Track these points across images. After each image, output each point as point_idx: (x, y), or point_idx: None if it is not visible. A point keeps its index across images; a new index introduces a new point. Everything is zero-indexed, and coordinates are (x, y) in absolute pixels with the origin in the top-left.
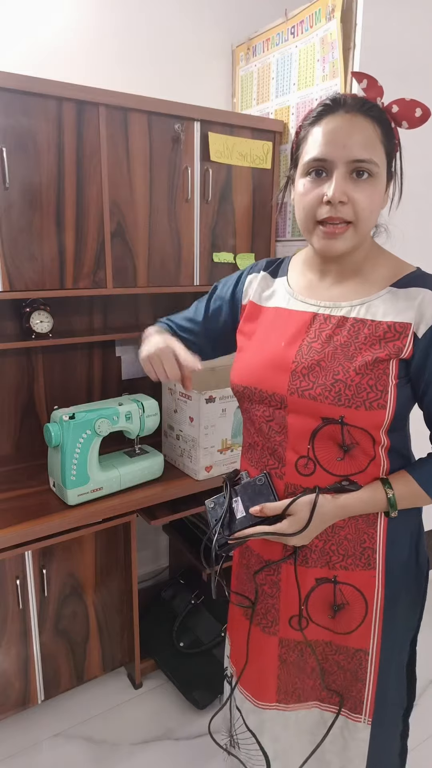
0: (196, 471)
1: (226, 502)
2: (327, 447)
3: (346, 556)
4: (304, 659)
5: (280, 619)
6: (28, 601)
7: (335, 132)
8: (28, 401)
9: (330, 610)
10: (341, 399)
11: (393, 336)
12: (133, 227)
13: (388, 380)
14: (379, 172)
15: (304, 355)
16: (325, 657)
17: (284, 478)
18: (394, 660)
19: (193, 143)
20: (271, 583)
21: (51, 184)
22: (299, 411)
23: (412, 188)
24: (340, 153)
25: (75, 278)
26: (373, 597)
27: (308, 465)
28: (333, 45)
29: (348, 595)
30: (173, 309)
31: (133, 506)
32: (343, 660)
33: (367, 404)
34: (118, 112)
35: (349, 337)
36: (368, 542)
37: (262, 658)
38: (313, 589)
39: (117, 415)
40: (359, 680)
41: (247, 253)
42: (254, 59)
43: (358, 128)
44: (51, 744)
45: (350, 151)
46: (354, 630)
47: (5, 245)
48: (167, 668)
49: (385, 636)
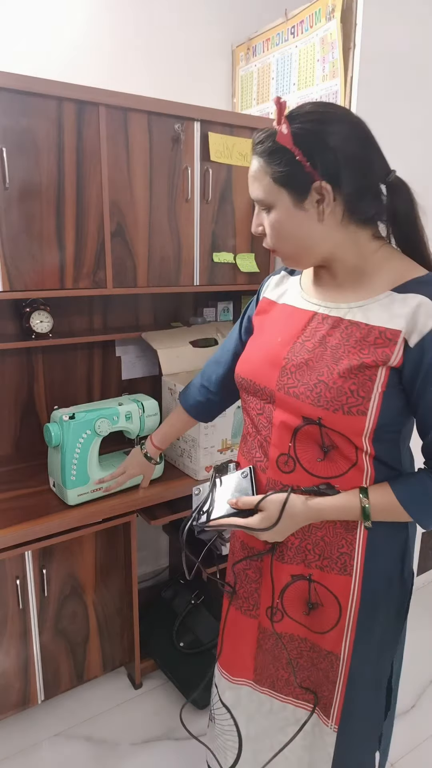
0: (196, 471)
1: (209, 491)
2: (308, 447)
3: (322, 557)
4: (279, 649)
5: (260, 605)
6: (28, 601)
7: (249, 175)
8: (28, 401)
9: (305, 606)
10: (320, 400)
11: (383, 342)
12: (133, 227)
13: (373, 387)
14: (275, 202)
15: (296, 353)
16: (301, 653)
17: (267, 472)
18: (367, 673)
19: (193, 143)
20: (255, 569)
21: (51, 184)
22: (284, 408)
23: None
24: (251, 194)
25: (75, 278)
26: (347, 603)
27: (288, 462)
28: (333, 45)
29: (322, 596)
30: (173, 309)
31: (133, 506)
32: (316, 658)
33: (345, 409)
34: (118, 112)
35: (341, 339)
36: (346, 548)
37: (241, 639)
38: (288, 584)
39: (117, 415)
40: (330, 681)
41: (247, 253)
42: (254, 59)
43: (254, 170)
44: (51, 744)
45: (252, 192)
46: (327, 632)
47: (5, 245)
48: (167, 668)
49: (357, 645)
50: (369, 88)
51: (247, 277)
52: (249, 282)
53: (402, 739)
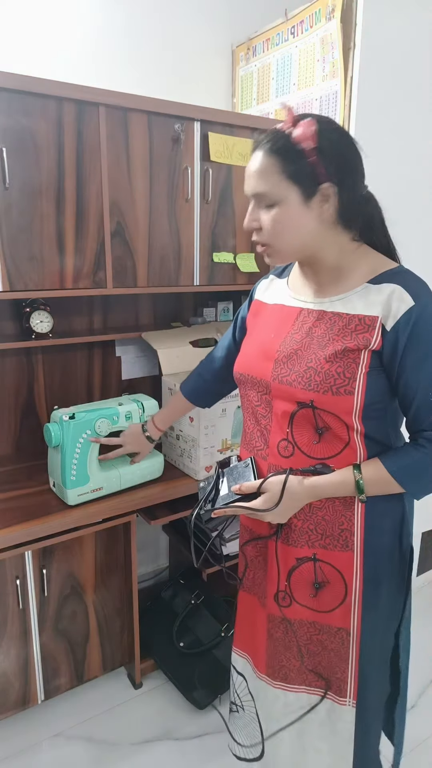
0: (196, 471)
1: (213, 482)
2: (304, 431)
3: (324, 535)
4: (289, 638)
5: (267, 593)
6: (28, 601)
7: (247, 170)
8: (28, 401)
9: (312, 588)
10: (311, 384)
11: (363, 328)
12: (133, 227)
13: (357, 369)
14: (283, 198)
15: (287, 345)
16: (310, 638)
17: (267, 459)
18: (377, 644)
19: (193, 143)
20: (260, 556)
21: (51, 184)
22: (280, 396)
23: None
24: (248, 189)
25: (75, 278)
26: (352, 578)
27: (288, 447)
28: (333, 45)
29: (328, 574)
30: (173, 309)
31: (133, 506)
32: (326, 639)
33: (334, 389)
34: (118, 112)
35: (325, 329)
36: (346, 524)
37: (254, 626)
38: (294, 567)
39: (117, 415)
40: (342, 660)
41: (247, 253)
42: (254, 59)
43: (257, 164)
44: (51, 744)
45: (250, 186)
46: (335, 608)
47: (5, 245)
48: (167, 668)
49: (365, 617)
50: (369, 88)
51: (247, 277)
52: (249, 282)
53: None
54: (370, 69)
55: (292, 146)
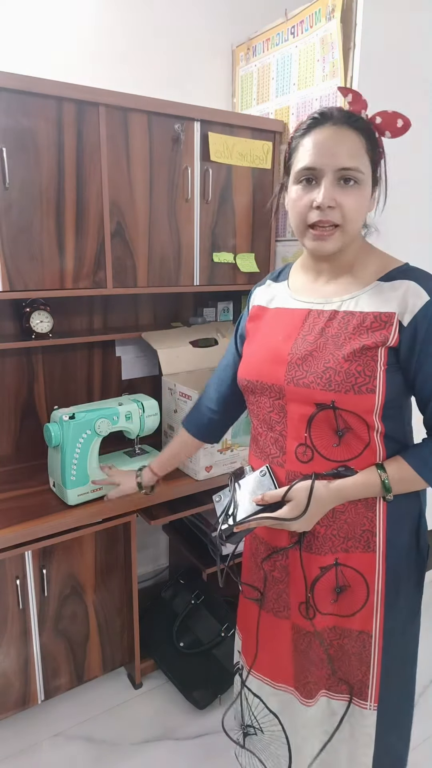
0: (196, 471)
1: (230, 495)
2: (323, 434)
3: (346, 539)
4: (312, 649)
5: (291, 605)
6: (28, 601)
7: (323, 142)
8: (28, 401)
9: (333, 594)
10: (331, 384)
11: (379, 325)
12: (133, 227)
13: (377, 366)
14: (364, 179)
15: (299, 347)
16: (330, 643)
17: (285, 466)
18: (398, 644)
19: (193, 143)
20: (281, 569)
21: (51, 184)
22: (296, 399)
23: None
24: (328, 162)
25: (75, 278)
26: (374, 580)
27: (306, 452)
28: (333, 45)
29: (349, 578)
30: (173, 309)
31: (133, 506)
32: (347, 644)
33: (356, 389)
34: (118, 112)
35: (339, 329)
36: (368, 525)
37: (277, 643)
38: (318, 577)
39: (117, 415)
40: (364, 663)
41: (247, 253)
42: (254, 59)
43: (344, 139)
44: (51, 744)
45: (337, 160)
46: (357, 612)
47: (5, 245)
48: (167, 668)
49: (387, 618)
50: (369, 88)
51: (246, 277)
52: (249, 282)
53: None
54: (370, 69)
55: (370, 131)
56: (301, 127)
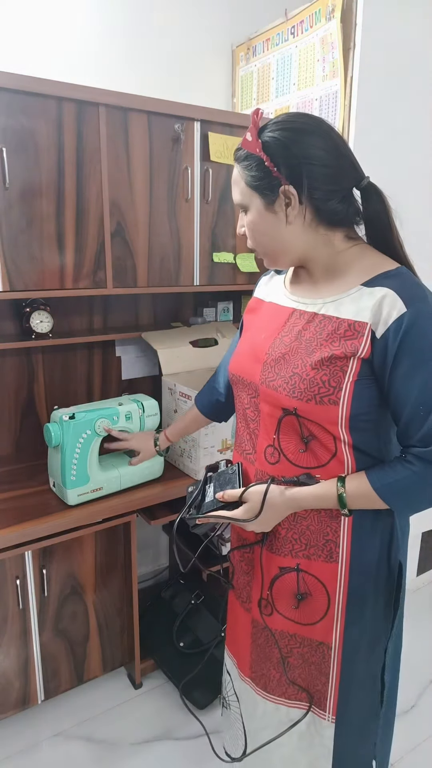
0: (196, 471)
1: (200, 487)
2: (291, 438)
3: (308, 545)
4: (270, 647)
5: (252, 599)
6: (28, 601)
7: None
8: (28, 401)
9: (294, 599)
10: (295, 392)
11: (352, 335)
12: (133, 227)
13: (344, 377)
14: (251, 204)
15: (275, 348)
16: (290, 650)
17: (255, 464)
18: (361, 662)
19: (193, 143)
20: (248, 561)
21: (51, 184)
22: (266, 400)
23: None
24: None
25: (75, 278)
26: (335, 591)
27: (274, 454)
28: (333, 45)
29: (310, 585)
30: (173, 309)
31: (133, 506)
32: (307, 653)
33: (318, 399)
34: (118, 112)
35: (314, 333)
36: (331, 535)
37: (240, 629)
38: (277, 576)
39: (117, 415)
40: (323, 674)
41: (247, 253)
42: (254, 59)
43: (233, 175)
44: (51, 744)
45: (233, 197)
46: (317, 622)
47: (5, 245)
48: (167, 668)
49: (348, 633)
50: (369, 88)
51: (247, 277)
52: (249, 282)
53: (402, 739)
54: (370, 69)
55: (248, 154)
56: None
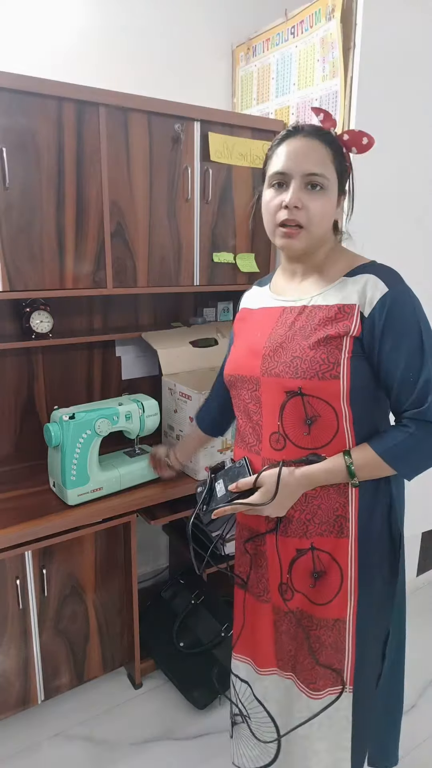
0: (196, 471)
1: (208, 485)
2: (294, 423)
3: (320, 523)
4: (294, 628)
5: (269, 588)
6: (28, 601)
7: (294, 150)
8: (28, 401)
9: (311, 578)
10: (298, 372)
11: (342, 316)
12: (133, 227)
13: (341, 354)
14: (329, 186)
15: (272, 340)
16: (307, 633)
17: (261, 453)
18: (371, 631)
19: (193, 143)
20: (260, 554)
21: (51, 184)
22: (269, 389)
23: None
24: (296, 167)
25: (75, 278)
26: (347, 565)
27: (279, 440)
28: (333, 45)
29: (325, 563)
30: (173, 309)
31: (133, 506)
32: (323, 634)
33: (320, 375)
34: (118, 112)
35: (307, 321)
36: (341, 510)
37: (259, 625)
38: (294, 559)
39: (117, 415)
40: (339, 651)
41: (247, 253)
42: (254, 59)
43: (312, 148)
44: (51, 744)
45: (305, 166)
46: (332, 599)
47: (5, 245)
48: (167, 668)
49: (361, 604)
50: (369, 88)
51: (247, 277)
52: (249, 282)
53: (402, 738)
54: (370, 69)
55: (339, 146)
56: (276, 138)
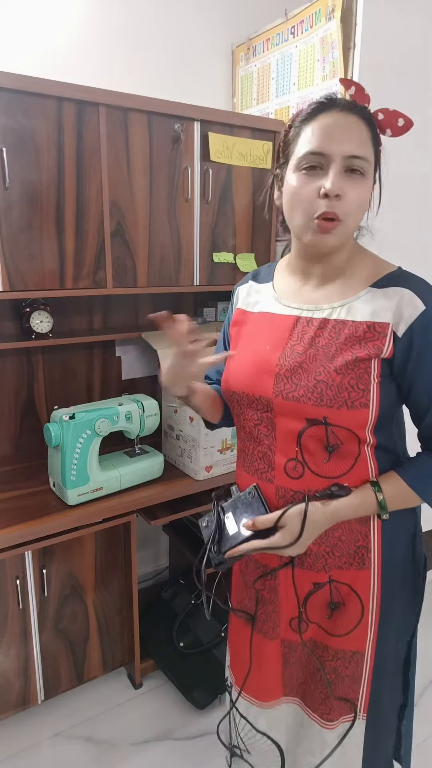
0: (196, 471)
1: (215, 520)
2: (314, 449)
3: (340, 556)
4: (306, 657)
5: (280, 623)
6: (28, 601)
7: (332, 127)
8: (28, 401)
9: (327, 609)
10: (323, 399)
11: (373, 336)
12: (133, 227)
13: (370, 379)
14: (369, 171)
15: (287, 358)
16: (322, 663)
17: (274, 481)
18: (390, 658)
19: (193, 143)
20: (270, 589)
21: (51, 184)
22: (285, 413)
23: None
24: (337, 147)
25: (75, 278)
26: (368, 598)
27: (297, 468)
28: (333, 45)
29: (344, 595)
30: (173, 309)
31: (133, 506)
32: (341, 666)
33: (349, 403)
34: (118, 112)
35: (330, 339)
36: (362, 541)
37: (265, 663)
38: (311, 592)
39: (117, 415)
40: (356, 682)
41: (247, 253)
42: (254, 59)
43: (352, 125)
44: (51, 744)
45: (347, 146)
46: (350, 631)
47: (5, 245)
48: (167, 668)
49: (381, 636)
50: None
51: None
52: None
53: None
54: (370, 69)
55: (374, 124)
56: (302, 112)
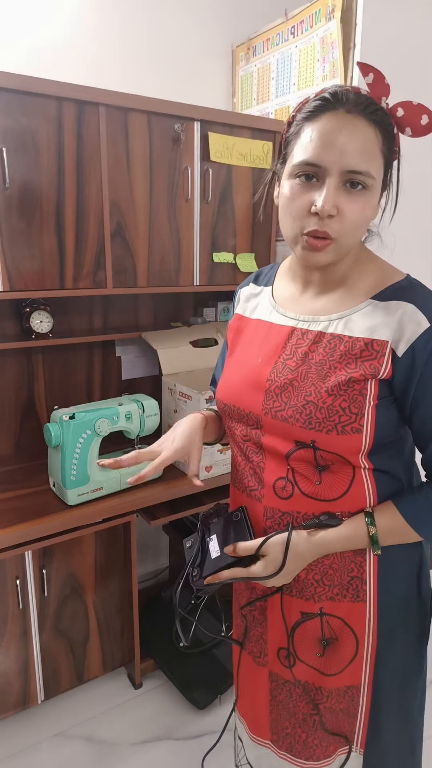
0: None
1: (198, 542)
2: (304, 470)
3: (332, 586)
4: (294, 702)
5: (268, 650)
6: (28, 601)
7: (332, 134)
8: (28, 401)
9: (318, 646)
10: (311, 422)
11: (370, 355)
12: (133, 227)
13: (365, 402)
14: (374, 185)
15: (279, 373)
16: (316, 706)
17: (263, 500)
18: (392, 700)
19: (193, 143)
20: (260, 609)
21: (51, 184)
22: (273, 432)
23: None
24: (335, 160)
25: (75, 278)
26: (364, 634)
27: (286, 487)
28: (333, 45)
29: (336, 630)
30: (173, 309)
31: (133, 506)
32: (335, 703)
33: (339, 428)
34: (118, 112)
35: (324, 355)
36: (356, 572)
37: (255, 688)
38: (299, 622)
39: (117, 415)
40: (351, 716)
41: (247, 253)
42: (254, 59)
43: (358, 133)
44: (51, 744)
45: (346, 159)
46: (344, 669)
47: (5, 245)
48: (167, 668)
49: (378, 674)
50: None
51: (246, 277)
52: None
53: None
54: None
55: (389, 124)
56: (306, 106)
